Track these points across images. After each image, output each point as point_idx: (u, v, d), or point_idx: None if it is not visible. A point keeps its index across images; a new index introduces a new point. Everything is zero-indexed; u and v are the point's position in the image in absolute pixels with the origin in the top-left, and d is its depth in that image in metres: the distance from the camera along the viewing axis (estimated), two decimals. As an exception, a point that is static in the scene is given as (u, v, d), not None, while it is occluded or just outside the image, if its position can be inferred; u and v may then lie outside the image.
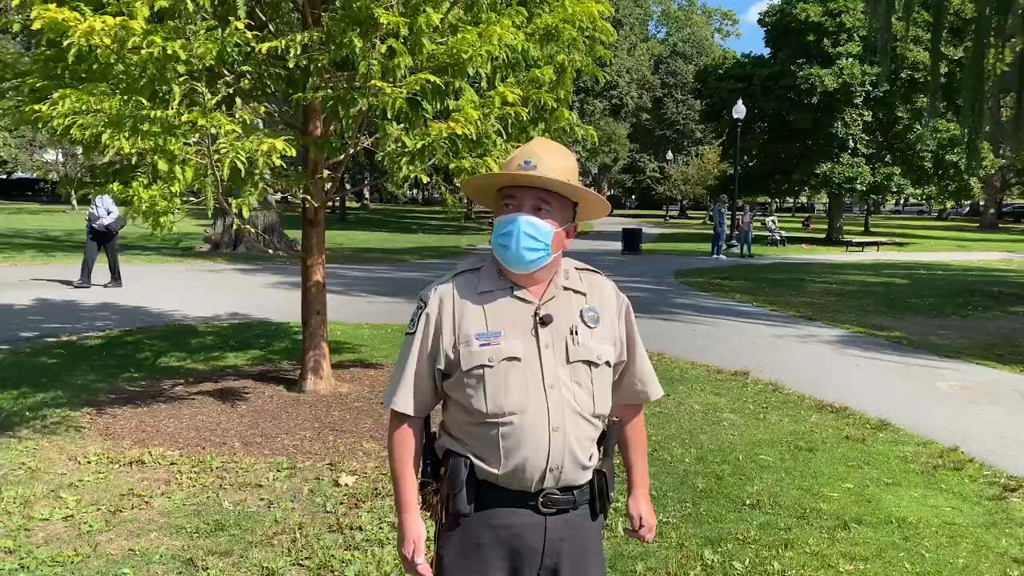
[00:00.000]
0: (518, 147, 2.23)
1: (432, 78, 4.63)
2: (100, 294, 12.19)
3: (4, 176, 57.44)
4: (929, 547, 3.87)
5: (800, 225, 46.50)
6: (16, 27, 4.69)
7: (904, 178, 30.65)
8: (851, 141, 30.12)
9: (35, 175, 56.59)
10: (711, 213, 31.36)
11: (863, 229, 42.33)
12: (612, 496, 1.91)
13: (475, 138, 5.04)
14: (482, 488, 1.78)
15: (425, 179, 4.96)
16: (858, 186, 30.16)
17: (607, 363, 1.83)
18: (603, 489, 1.87)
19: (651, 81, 58.53)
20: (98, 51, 3.90)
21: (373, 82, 4.50)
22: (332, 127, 5.70)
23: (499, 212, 1.79)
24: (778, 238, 30.46)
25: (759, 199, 46.88)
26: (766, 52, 34.62)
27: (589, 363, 1.79)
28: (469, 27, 5.02)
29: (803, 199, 65.47)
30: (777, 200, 62.82)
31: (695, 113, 50.86)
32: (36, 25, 3.82)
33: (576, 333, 1.78)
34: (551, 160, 1.75)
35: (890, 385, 7.55)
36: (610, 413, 1.90)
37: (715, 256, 24.28)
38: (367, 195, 60.60)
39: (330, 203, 6.31)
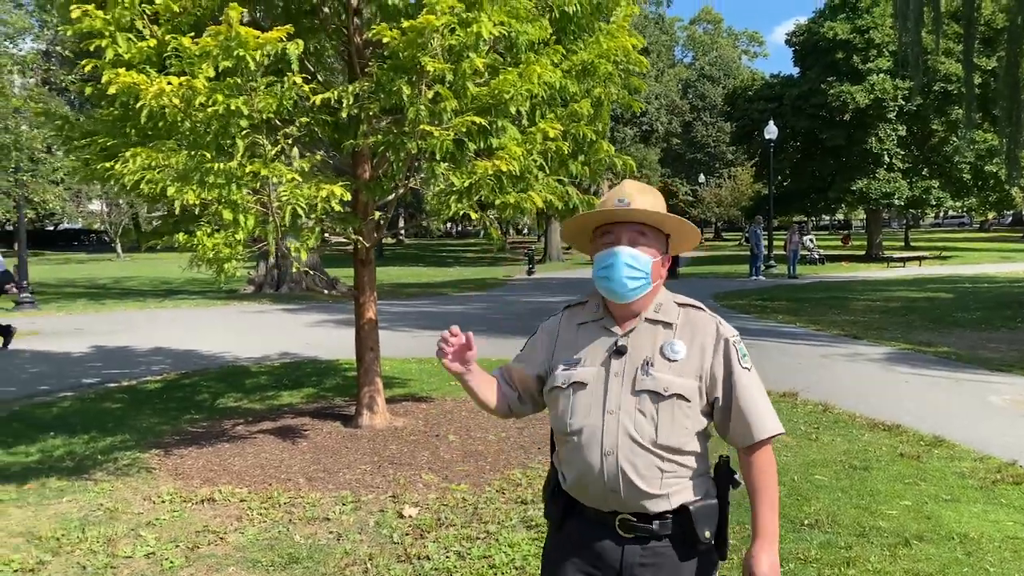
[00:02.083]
0: (557, 197, 2.35)
1: (477, 119, 4.81)
2: (153, 339, 12.55)
3: (52, 227, 59.27)
4: (993, 562, 3.87)
5: (839, 242, 46.00)
6: (88, 90, 4.99)
7: (943, 191, 30.26)
8: (886, 156, 29.86)
9: (81, 225, 58.37)
10: (746, 234, 31.23)
11: (903, 244, 41.75)
12: (707, 537, 1.89)
13: (519, 173, 5.22)
14: (571, 500, 1.96)
15: (475, 216, 5.13)
16: (896, 201, 29.85)
17: (679, 396, 1.85)
18: (690, 527, 1.87)
19: (680, 106, 58.65)
20: (167, 110, 4.15)
21: (421, 127, 4.70)
22: (381, 170, 5.92)
23: (597, 249, 1.94)
24: (817, 256, 30.20)
25: (796, 218, 46.53)
26: (795, 71, 34.59)
27: (656, 394, 1.84)
28: (509, 68, 5.20)
29: (840, 216, 64.81)
30: (814, 218, 62.29)
31: (725, 135, 50.83)
32: (112, 90, 4.08)
33: (650, 365, 1.86)
34: (643, 197, 1.91)
35: (942, 401, 7.49)
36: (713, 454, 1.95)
37: (754, 277, 24.16)
38: (402, 231, 61.31)
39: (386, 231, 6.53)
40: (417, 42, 4.56)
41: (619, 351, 1.89)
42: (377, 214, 5.92)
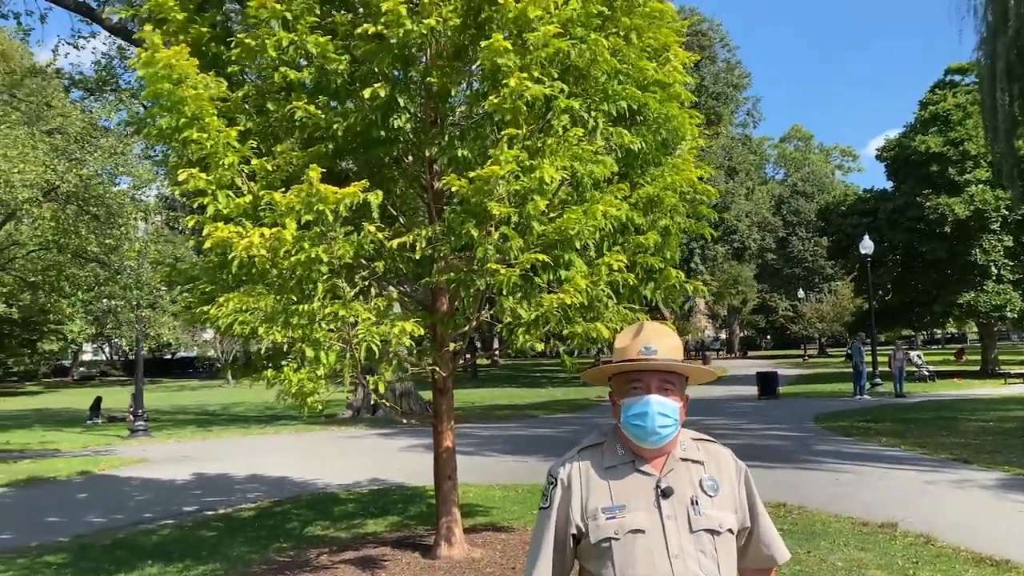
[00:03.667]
0: (627, 325, 2.46)
1: (542, 257, 5.07)
2: (252, 465, 13.01)
3: (169, 355, 62.85)
4: None
5: (952, 357, 43.66)
6: (191, 242, 5.54)
7: (1062, 300, 28.67)
8: (993, 268, 28.68)
9: (195, 353, 61.70)
10: (849, 351, 30.15)
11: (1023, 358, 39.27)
12: None
13: (587, 303, 5.40)
14: None
15: (539, 347, 5.31)
16: (1008, 313, 28.42)
17: (730, 531, 1.91)
18: None
19: (772, 222, 58.40)
20: (256, 259, 4.58)
21: (489, 265, 4.98)
22: (456, 304, 6.22)
23: (624, 394, 1.98)
24: (926, 373, 28.74)
25: (903, 332, 44.63)
26: (888, 185, 34.13)
27: (712, 532, 1.87)
28: (574, 206, 5.47)
29: (952, 330, 61.80)
30: (924, 332, 59.61)
31: (823, 249, 50.03)
32: (207, 244, 4.56)
33: (697, 503, 1.88)
34: (664, 342, 1.97)
35: (1058, 533, 6.95)
36: None
37: (858, 396, 23.16)
38: (497, 352, 61.97)
39: (461, 361, 6.76)
40: (484, 189, 4.91)
41: (665, 493, 1.89)
42: (452, 345, 6.17)
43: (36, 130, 17.62)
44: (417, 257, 5.31)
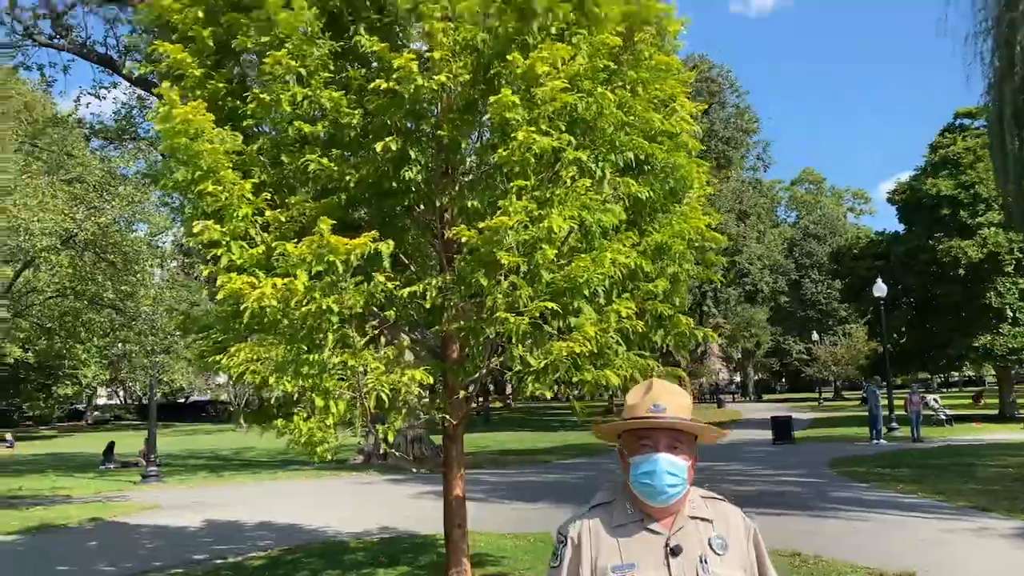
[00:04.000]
0: (638, 371, 2.47)
1: (551, 305, 5.11)
2: (263, 512, 12.96)
3: (183, 399, 63.01)
4: None
5: (970, 401, 43.07)
6: (205, 292, 5.63)
7: (1080, 343, 28.37)
8: (1009, 310, 28.48)
9: (208, 396, 61.86)
10: (864, 394, 29.85)
11: (1043, 401, 38.69)
12: None
13: (596, 351, 5.42)
14: None
15: (548, 395, 5.32)
16: (1025, 357, 28.16)
17: None
18: None
19: (784, 265, 58.35)
20: (267, 310, 4.64)
21: (498, 314, 5.02)
22: (466, 351, 6.25)
23: (634, 451, 2.01)
24: (943, 417, 28.33)
25: (919, 376, 44.16)
26: (900, 227, 34.13)
27: None
28: (583, 254, 5.52)
29: (969, 373, 61.11)
30: (940, 376, 58.94)
31: (836, 292, 49.87)
32: (220, 295, 4.63)
33: (706, 561, 1.91)
34: (674, 401, 2.00)
35: (1080, 585, 6.81)
36: None
37: (874, 441, 22.86)
38: (510, 396, 61.72)
39: (473, 405, 6.79)
40: (493, 239, 4.97)
41: (674, 551, 1.91)
42: (463, 392, 6.19)
43: (56, 179, 18.01)
44: (428, 306, 5.36)
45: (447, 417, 6.39)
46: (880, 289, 26.69)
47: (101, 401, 65.21)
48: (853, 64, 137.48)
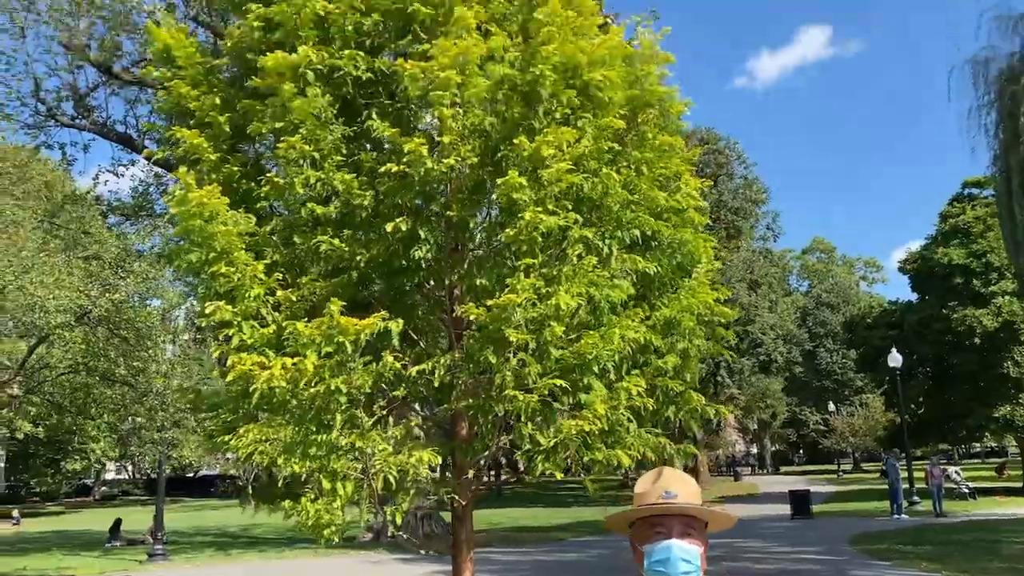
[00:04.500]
0: (649, 449, 2.45)
1: (560, 382, 5.10)
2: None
3: (191, 474, 62.40)
4: None
5: (993, 473, 42.11)
6: (215, 372, 5.66)
7: (1102, 412, 27.86)
8: (1027, 380, 28.12)
9: (217, 471, 61.21)
10: (883, 467, 29.26)
11: (1069, 473, 37.76)
12: None
13: (607, 428, 5.38)
14: None
15: (559, 476, 5.25)
16: (1047, 427, 27.63)
17: None
18: None
19: (798, 335, 57.99)
20: (277, 391, 4.66)
21: (507, 392, 5.01)
22: (475, 429, 6.21)
23: (646, 539, 2.02)
24: (966, 491, 27.67)
25: (940, 446, 43.32)
26: (913, 296, 34.02)
27: None
28: (592, 330, 5.54)
29: (991, 443, 59.93)
30: (962, 446, 57.82)
31: (851, 362, 49.40)
32: (230, 377, 4.65)
33: None
34: (684, 488, 2.03)
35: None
36: None
37: (895, 516, 22.30)
38: (523, 470, 60.89)
39: (485, 479, 6.72)
40: (501, 317, 5.00)
41: None
42: (471, 473, 6.12)
43: (73, 256, 18.31)
44: (436, 384, 5.36)
45: (456, 497, 6.31)
46: (895, 359, 26.44)
47: (109, 476, 64.62)
48: (862, 133, 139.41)
